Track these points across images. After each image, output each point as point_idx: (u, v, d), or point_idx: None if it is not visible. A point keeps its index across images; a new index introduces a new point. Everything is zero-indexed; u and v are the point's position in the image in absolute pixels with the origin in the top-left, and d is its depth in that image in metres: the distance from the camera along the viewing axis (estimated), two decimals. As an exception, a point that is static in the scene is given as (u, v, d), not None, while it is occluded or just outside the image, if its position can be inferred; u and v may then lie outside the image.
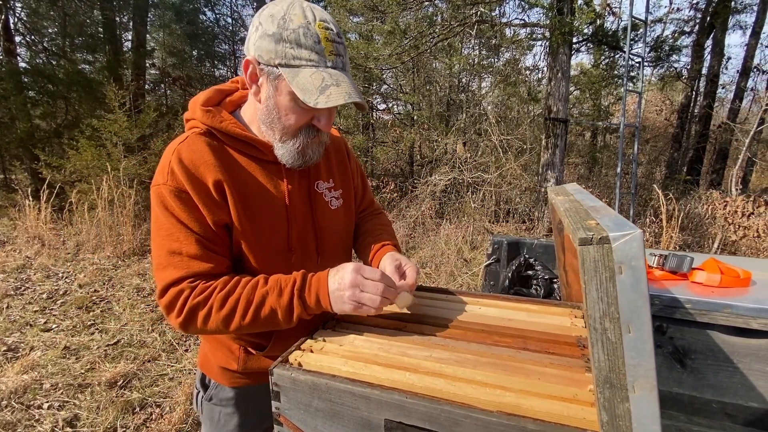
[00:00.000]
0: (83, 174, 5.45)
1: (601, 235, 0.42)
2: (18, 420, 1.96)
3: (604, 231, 0.43)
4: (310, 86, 0.71)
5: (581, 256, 0.44)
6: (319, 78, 0.71)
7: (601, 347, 0.45)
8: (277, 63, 0.72)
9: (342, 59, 0.75)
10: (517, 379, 0.63)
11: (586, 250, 0.43)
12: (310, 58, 0.71)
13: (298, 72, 0.71)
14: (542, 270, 1.59)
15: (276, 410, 0.69)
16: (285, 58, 0.71)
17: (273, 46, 0.71)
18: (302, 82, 0.71)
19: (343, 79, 0.73)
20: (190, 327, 0.74)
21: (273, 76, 0.74)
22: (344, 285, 0.73)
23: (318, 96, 0.70)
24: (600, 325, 0.44)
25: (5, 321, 2.98)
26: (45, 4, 7.55)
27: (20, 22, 7.46)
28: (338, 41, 0.75)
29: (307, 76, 0.71)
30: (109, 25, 8.51)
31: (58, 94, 7.24)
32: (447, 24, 5.85)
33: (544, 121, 5.77)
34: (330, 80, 0.71)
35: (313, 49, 0.71)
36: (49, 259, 4.34)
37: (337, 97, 0.70)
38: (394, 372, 0.66)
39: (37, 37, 7.76)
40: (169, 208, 0.74)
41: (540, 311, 0.89)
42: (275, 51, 0.71)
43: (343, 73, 0.74)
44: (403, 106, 8.48)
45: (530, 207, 6.16)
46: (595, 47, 8.16)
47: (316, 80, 0.71)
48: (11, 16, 6.92)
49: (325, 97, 0.70)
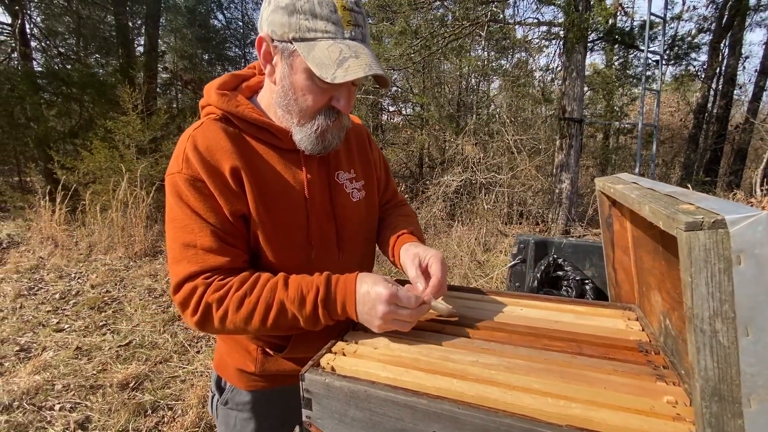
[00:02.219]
0: (96, 175, 5.48)
1: (715, 219, 0.35)
2: (30, 422, 1.92)
3: (717, 214, 0.36)
4: (326, 60, 0.64)
5: (687, 245, 0.37)
6: (337, 50, 0.64)
7: (710, 353, 0.37)
8: (291, 37, 0.66)
9: (362, 30, 0.69)
10: (579, 387, 0.56)
11: (693, 237, 0.36)
12: (326, 30, 0.65)
13: (314, 45, 0.65)
14: (573, 271, 1.51)
15: (307, 419, 0.63)
16: (299, 31, 0.65)
17: (286, 19, 0.65)
18: (318, 56, 0.65)
19: (363, 51, 0.66)
20: (207, 326, 0.69)
21: (287, 53, 0.68)
22: (375, 314, 0.67)
23: (336, 70, 0.64)
24: (709, 327, 0.37)
25: (18, 321, 2.97)
26: (60, 9, 7.66)
27: (36, 27, 7.59)
28: (357, 10, 0.68)
29: (323, 49, 0.65)
30: (122, 29, 8.61)
31: (72, 96, 7.32)
32: (458, 23, 5.79)
33: (558, 121, 5.67)
34: (348, 52, 0.65)
35: (329, 19, 0.65)
36: (62, 259, 4.35)
37: (356, 70, 0.64)
38: (439, 378, 0.59)
39: (52, 41, 7.88)
40: (183, 198, 0.69)
41: (589, 313, 0.81)
42: (289, 24, 0.65)
43: (362, 44, 0.68)
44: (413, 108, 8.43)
45: (543, 209, 6.05)
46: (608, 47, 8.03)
47: (333, 53, 0.64)
48: (27, 21, 7.03)
49: (343, 70, 0.64)
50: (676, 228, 0.38)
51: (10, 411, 1.99)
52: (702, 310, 0.37)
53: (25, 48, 6.78)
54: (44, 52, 7.75)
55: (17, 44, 6.74)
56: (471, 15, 5.71)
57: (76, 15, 7.71)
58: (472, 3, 5.59)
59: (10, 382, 2.21)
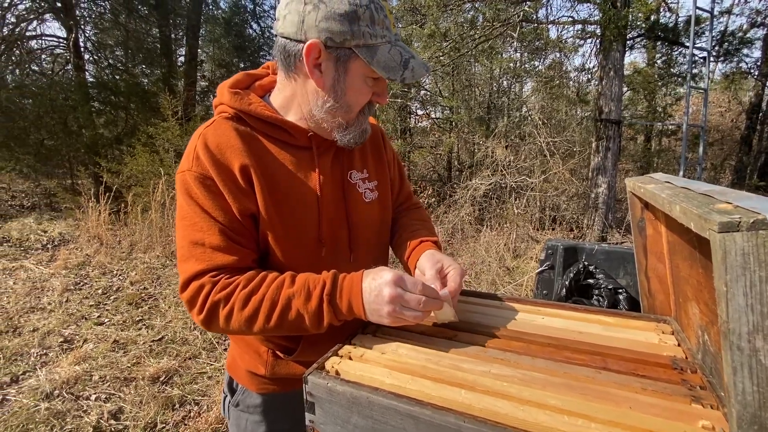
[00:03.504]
0: (138, 178, 5.80)
1: (755, 218, 0.30)
2: (67, 410, 2.03)
3: (758, 213, 0.31)
4: (392, 63, 0.69)
5: (721, 249, 0.32)
6: (397, 54, 0.70)
7: (748, 374, 0.32)
8: (354, 44, 0.67)
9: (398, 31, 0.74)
10: (601, 406, 0.51)
11: (729, 240, 0.31)
12: (383, 35, 0.69)
13: (375, 51, 0.69)
14: (605, 279, 1.42)
15: (310, 423, 0.61)
16: (363, 38, 0.67)
17: (348, 27, 0.66)
18: (383, 60, 0.69)
19: (412, 52, 0.72)
20: (213, 325, 0.69)
21: (343, 59, 0.69)
22: (382, 299, 0.64)
23: (403, 71, 0.69)
24: (747, 344, 0.32)
25: (64, 314, 3.16)
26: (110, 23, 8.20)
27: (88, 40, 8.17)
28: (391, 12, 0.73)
29: (385, 53, 0.69)
30: (165, 40, 9.12)
31: (119, 105, 7.81)
32: (489, 24, 5.68)
33: (594, 122, 5.43)
34: (406, 54, 0.71)
35: (383, 24, 0.69)
36: (106, 257, 4.61)
37: (419, 70, 0.70)
38: (446, 388, 0.56)
39: (102, 54, 8.45)
40: (193, 196, 0.70)
41: (617, 324, 0.75)
42: (351, 32, 0.66)
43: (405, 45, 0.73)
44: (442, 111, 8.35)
45: (578, 214, 5.80)
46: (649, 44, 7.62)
47: (395, 56, 0.69)
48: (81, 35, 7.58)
49: (410, 71, 0.69)
50: (709, 229, 0.33)
51: (51, 399, 2.11)
52: (739, 325, 0.32)
53: (78, 60, 7.30)
54: (96, 64, 8.33)
55: (71, 57, 7.27)
56: (502, 16, 5.59)
57: (125, 28, 8.23)
58: (504, 4, 5.48)
59: (52, 371, 2.35)
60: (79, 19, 7.42)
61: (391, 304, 0.64)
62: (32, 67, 7.70)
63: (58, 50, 7.92)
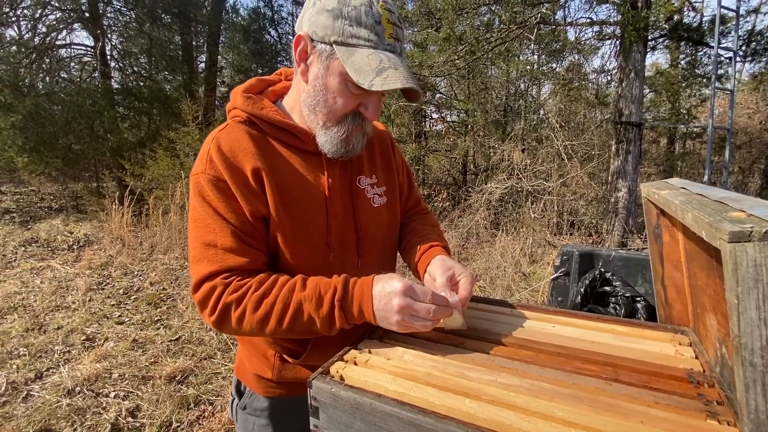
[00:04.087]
0: (159, 182, 5.97)
1: (767, 228, 0.29)
2: (88, 406, 2.09)
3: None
4: (366, 67, 0.65)
5: (732, 259, 0.31)
6: (377, 59, 0.66)
7: (761, 392, 0.31)
8: (332, 40, 0.67)
9: (400, 45, 0.70)
10: (610, 419, 0.49)
11: (740, 250, 0.30)
12: (368, 39, 0.66)
13: (354, 52, 0.66)
14: (622, 287, 1.38)
15: (314, 428, 0.61)
16: (342, 36, 0.66)
17: (330, 22, 0.66)
18: (358, 62, 0.66)
19: (401, 64, 0.68)
20: (225, 326, 0.70)
21: (325, 55, 0.69)
22: (392, 309, 0.65)
23: (374, 78, 0.65)
24: (761, 360, 0.30)
25: (87, 313, 3.27)
26: (135, 31, 8.50)
27: (114, 49, 8.48)
28: (399, 25, 0.70)
29: (363, 56, 0.66)
30: (186, 47, 9.39)
31: (142, 110, 8.07)
32: (505, 27, 5.63)
33: (614, 125, 5.30)
34: (388, 63, 0.66)
35: (373, 29, 0.66)
36: (127, 258, 4.75)
37: (394, 81, 0.65)
38: (450, 396, 0.55)
39: (128, 61, 8.75)
40: (206, 197, 0.71)
41: (631, 334, 0.73)
42: (332, 27, 0.66)
43: (399, 58, 0.69)
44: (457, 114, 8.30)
45: (597, 219, 5.66)
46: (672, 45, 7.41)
47: (373, 61, 0.66)
48: (107, 44, 7.88)
49: (382, 79, 0.65)
50: (720, 239, 0.32)
51: (73, 395, 2.18)
52: (752, 340, 0.31)
53: (104, 67, 7.58)
54: (121, 71, 8.63)
55: (98, 64, 7.56)
56: (518, 18, 5.53)
57: (149, 37, 8.51)
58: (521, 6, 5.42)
59: (74, 369, 2.43)
60: (105, 29, 7.72)
61: (400, 314, 0.65)
62: (61, 74, 8.03)
63: (86, 58, 8.24)
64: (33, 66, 7.22)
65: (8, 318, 3.13)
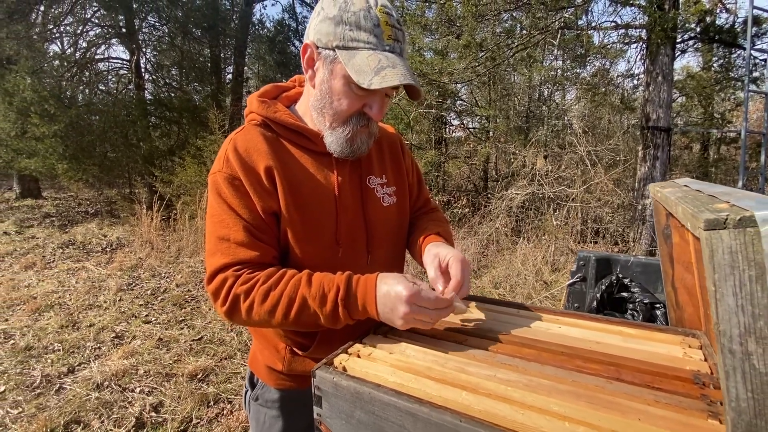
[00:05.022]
0: (187, 188, 6.21)
1: (742, 215, 0.30)
2: (115, 400, 2.19)
3: (746, 210, 0.30)
4: (365, 67, 0.69)
5: (709, 247, 0.31)
6: (375, 60, 0.69)
7: (741, 379, 0.31)
8: (335, 45, 0.71)
9: (400, 45, 0.73)
10: (607, 416, 0.49)
11: (716, 238, 0.31)
12: (368, 41, 0.70)
13: (354, 54, 0.70)
14: (640, 293, 1.34)
15: (317, 417, 0.63)
16: (343, 40, 0.70)
17: (332, 29, 0.71)
18: (358, 63, 0.69)
19: (399, 63, 0.71)
20: (235, 317, 0.73)
21: (329, 59, 0.73)
22: (397, 315, 0.68)
23: (372, 77, 0.68)
24: (740, 347, 0.31)
25: (116, 312, 3.42)
26: (167, 45, 8.94)
27: (148, 62, 8.95)
28: (398, 27, 0.73)
29: (363, 57, 0.69)
30: (215, 59, 9.79)
31: (173, 120, 8.44)
32: (527, 33, 5.59)
33: (641, 130, 5.15)
34: (386, 62, 0.69)
35: (371, 31, 0.70)
36: (156, 260, 4.95)
37: (392, 78, 0.68)
38: (447, 389, 0.56)
39: (160, 73, 9.20)
40: (222, 195, 0.75)
41: (639, 336, 0.72)
42: (334, 33, 0.71)
43: (400, 57, 0.72)
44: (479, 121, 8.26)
45: (624, 227, 5.48)
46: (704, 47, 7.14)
47: (372, 62, 0.69)
48: (142, 57, 8.31)
49: (380, 77, 0.68)
50: (698, 227, 0.33)
51: (101, 389, 2.29)
52: (730, 327, 0.31)
53: (138, 80, 7.98)
54: (154, 83, 9.08)
55: (133, 76, 7.97)
56: (540, 23, 5.48)
57: (180, 50, 8.93)
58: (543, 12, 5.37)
59: (104, 364, 2.55)
60: (140, 43, 8.15)
61: (403, 320, 0.67)
62: (99, 86, 8.52)
63: (122, 71, 8.71)
64: (74, 79, 7.70)
65: (45, 315, 3.31)
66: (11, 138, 6.48)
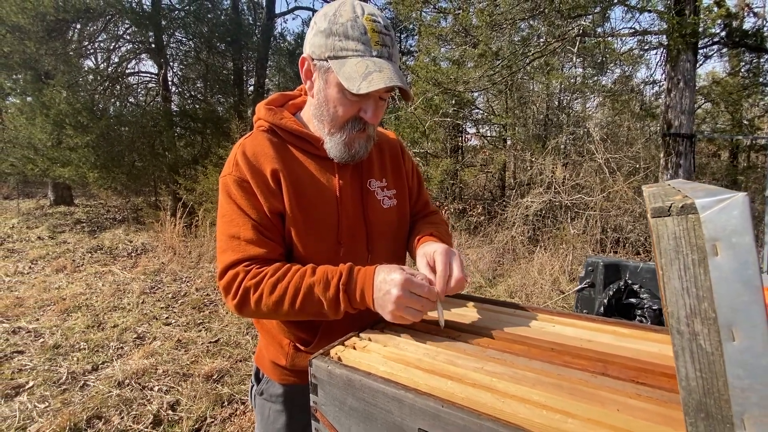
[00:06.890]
0: (209, 195, 6.41)
1: (683, 203, 0.32)
2: (135, 398, 2.27)
3: (689, 199, 0.32)
4: (354, 74, 0.73)
5: (656, 233, 0.34)
6: (363, 66, 0.73)
7: (690, 358, 0.33)
8: (327, 56, 0.76)
9: (389, 50, 0.77)
10: (586, 406, 0.51)
11: (661, 224, 0.33)
12: (356, 49, 0.74)
13: (344, 62, 0.74)
14: (650, 299, 1.32)
15: (313, 404, 0.67)
16: (334, 50, 0.75)
17: (324, 41, 0.75)
18: (348, 71, 0.73)
19: (387, 66, 0.74)
20: (245, 309, 0.78)
21: (323, 70, 0.78)
22: (389, 299, 0.71)
23: (361, 82, 0.72)
24: (687, 328, 0.33)
25: (139, 314, 3.55)
26: (192, 59, 9.33)
27: (175, 75, 9.35)
28: (385, 33, 0.77)
29: (352, 65, 0.74)
30: (237, 72, 10.14)
31: (197, 130, 8.76)
32: (544, 41, 5.58)
33: (662, 137, 5.03)
34: (373, 67, 0.73)
35: (359, 39, 0.74)
36: (177, 265, 5.11)
37: (378, 82, 0.72)
38: (434, 378, 0.58)
39: (186, 86, 9.60)
40: (232, 196, 0.81)
41: (632, 335, 0.72)
42: (326, 45, 0.75)
43: (388, 62, 0.76)
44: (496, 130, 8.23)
45: (646, 236, 5.33)
46: (731, 52, 6.94)
47: (360, 68, 0.73)
48: (169, 71, 8.70)
49: (367, 82, 0.72)
50: (648, 215, 0.35)
51: (122, 387, 2.38)
52: (677, 308, 0.33)
53: (165, 92, 8.35)
54: (180, 95, 9.47)
55: (160, 89, 8.33)
56: (557, 31, 5.46)
57: (204, 63, 9.31)
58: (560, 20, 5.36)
59: (126, 363, 2.65)
60: (168, 57, 8.53)
61: (395, 304, 0.71)
62: (129, 99, 8.94)
63: (150, 84, 9.12)
64: (106, 92, 8.11)
65: (73, 315, 3.48)
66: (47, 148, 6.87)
